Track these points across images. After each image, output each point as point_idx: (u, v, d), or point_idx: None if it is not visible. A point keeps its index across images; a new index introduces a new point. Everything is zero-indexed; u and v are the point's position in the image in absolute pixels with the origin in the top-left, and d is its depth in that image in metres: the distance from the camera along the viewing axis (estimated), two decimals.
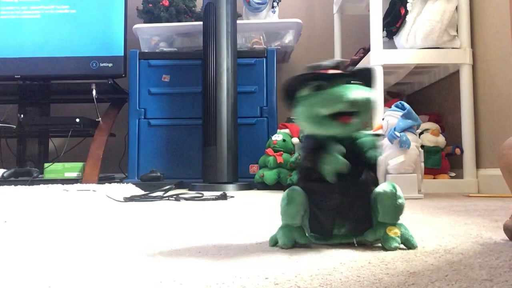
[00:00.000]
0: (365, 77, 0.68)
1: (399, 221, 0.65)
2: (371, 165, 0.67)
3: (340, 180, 0.65)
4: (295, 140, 2.28)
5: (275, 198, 1.66)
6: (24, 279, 0.51)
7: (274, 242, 0.69)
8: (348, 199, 0.65)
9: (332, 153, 0.64)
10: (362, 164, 0.66)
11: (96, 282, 0.49)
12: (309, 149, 0.68)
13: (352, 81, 0.66)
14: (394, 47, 2.12)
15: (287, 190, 0.68)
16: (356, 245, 0.66)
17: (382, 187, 0.65)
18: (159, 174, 2.30)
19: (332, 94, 0.64)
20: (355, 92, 0.64)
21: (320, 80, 0.66)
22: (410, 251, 0.62)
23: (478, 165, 1.95)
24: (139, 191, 1.84)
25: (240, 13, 2.69)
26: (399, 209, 0.64)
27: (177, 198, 1.56)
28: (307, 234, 0.68)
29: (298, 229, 0.67)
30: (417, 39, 2.01)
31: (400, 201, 0.64)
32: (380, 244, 0.65)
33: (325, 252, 0.63)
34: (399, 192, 0.65)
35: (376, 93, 0.70)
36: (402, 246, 0.64)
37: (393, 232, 0.63)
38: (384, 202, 0.64)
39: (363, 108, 0.65)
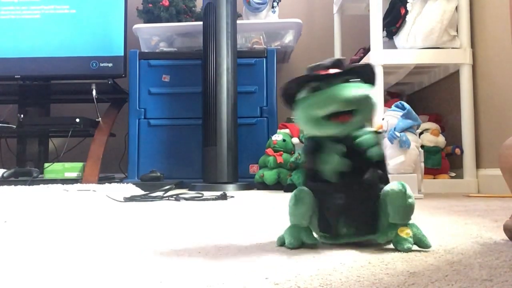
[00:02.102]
0: (365, 74, 0.68)
1: (410, 221, 0.64)
2: (378, 163, 0.66)
3: (344, 179, 0.64)
4: (295, 140, 2.27)
5: (275, 198, 1.66)
6: (24, 279, 0.51)
7: (281, 242, 0.68)
8: (353, 199, 0.64)
9: (330, 153, 0.64)
10: (367, 162, 0.65)
11: (96, 282, 0.49)
12: (309, 150, 0.68)
13: (350, 79, 0.66)
14: (394, 47, 2.12)
15: (295, 190, 0.67)
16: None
17: (391, 186, 0.64)
18: (159, 174, 2.30)
19: (327, 94, 0.64)
20: (349, 90, 0.64)
21: (316, 81, 0.66)
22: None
23: (478, 165, 1.95)
24: (139, 191, 1.84)
25: (240, 13, 2.69)
26: (409, 209, 0.63)
27: (177, 198, 1.56)
28: (315, 234, 0.68)
29: (305, 229, 0.67)
30: (417, 39, 2.01)
31: (410, 200, 0.63)
32: (383, 246, 0.65)
33: (325, 252, 0.63)
34: (409, 191, 0.63)
35: (376, 90, 0.69)
36: (415, 247, 0.63)
37: (405, 233, 0.62)
38: (393, 203, 0.63)
39: (361, 106, 0.64)
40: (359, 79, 0.67)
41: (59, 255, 0.65)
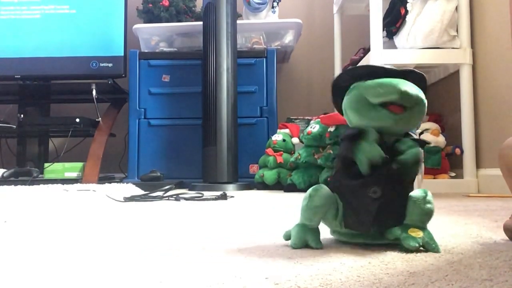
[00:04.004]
0: (416, 81, 0.67)
1: (426, 227, 0.63)
2: (408, 174, 0.64)
3: (379, 174, 0.62)
4: (295, 140, 2.28)
5: (275, 198, 1.66)
6: (24, 279, 0.51)
7: (287, 237, 0.68)
8: (389, 195, 0.62)
9: (368, 141, 0.63)
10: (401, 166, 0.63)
11: (96, 282, 0.49)
12: (346, 136, 0.65)
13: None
14: (394, 47, 2.12)
15: (310, 189, 0.66)
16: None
17: (413, 192, 0.63)
18: (159, 174, 2.30)
19: (388, 83, 0.63)
20: (411, 86, 0.64)
21: (373, 75, 0.65)
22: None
23: (478, 165, 1.95)
24: (139, 191, 1.84)
25: (240, 13, 2.69)
26: (427, 214, 0.62)
27: (177, 198, 1.56)
28: (339, 229, 0.66)
29: (312, 231, 0.66)
30: (417, 39, 2.01)
31: (428, 205, 0.62)
32: (385, 246, 0.65)
33: (325, 252, 0.63)
34: (429, 197, 0.63)
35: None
36: (422, 249, 0.62)
37: (416, 233, 0.61)
38: (411, 205, 0.62)
39: (415, 106, 0.64)
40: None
41: (59, 255, 0.65)
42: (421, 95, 0.65)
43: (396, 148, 0.64)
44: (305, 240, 0.65)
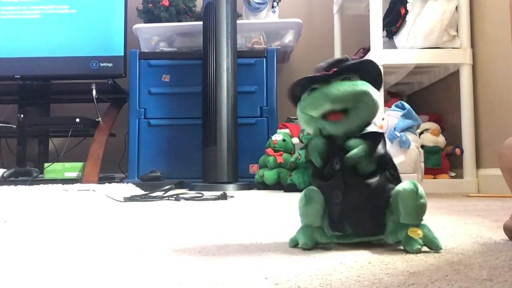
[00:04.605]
0: (366, 72, 0.67)
1: (422, 222, 0.62)
2: (386, 163, 0.65)
3: (343, 179, 0.64)
4: (295, 140, 2.28)
5: (275, 198, 1.66)
6: (24, 279, 0.51)
7: (294, 244, 0.67)
8: (350, 198, 0.63)
9: (314, 137, 0.66)
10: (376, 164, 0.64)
11: (95, 282, 0.49)
12: (307, 144, 0.69)
13: (350, 78, 0.65)
14: (394, 47, 2.12)
15: (304, 190, 0.67)
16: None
17: (402, 186, 0.62)
18: (159, 174, 2.30)
19: (318, 94, 0.65)
20: (339, 88, 0.63)
21: (316, 82, 0.66)
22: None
23: (478, 165, 1.95)
24: (139, 191, 1.84)
25: (240, 13, 2.69)
26: (421, 209, 0.61)
27: (177, 198, 1.56)
28: (328, 233, 0.66)
29: (318, 229, 0.65)
30: (417, 39, 2.01)
31: (422, 200, 0.61)
32: (384, 246, 0.65)
33: (325, 252, 0.63)
34: (421, 191, 0.62)
35: (377, 87, 0.67)
36: (425, 248, 0.61)
37: (416, 233, 0.60)
38: (404, 202, 0.61)
39: (354, 103, 0.63)
40: (358, 77, 0.66)
41: (59, 255, 0.65)
42: (356, 89, 0.64)
43: (346, 147, 0.64)
44: (314, 238, 0.65)
